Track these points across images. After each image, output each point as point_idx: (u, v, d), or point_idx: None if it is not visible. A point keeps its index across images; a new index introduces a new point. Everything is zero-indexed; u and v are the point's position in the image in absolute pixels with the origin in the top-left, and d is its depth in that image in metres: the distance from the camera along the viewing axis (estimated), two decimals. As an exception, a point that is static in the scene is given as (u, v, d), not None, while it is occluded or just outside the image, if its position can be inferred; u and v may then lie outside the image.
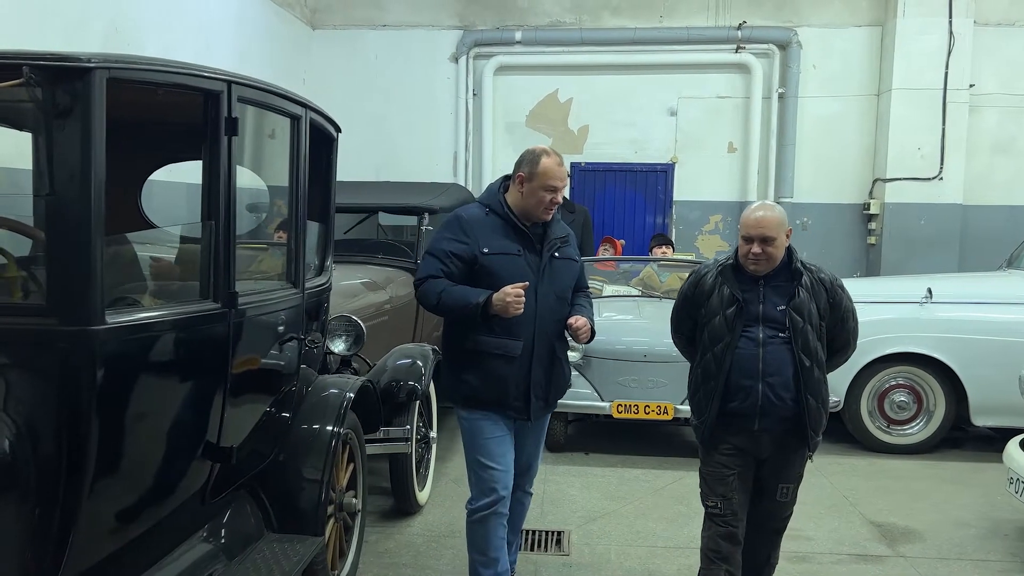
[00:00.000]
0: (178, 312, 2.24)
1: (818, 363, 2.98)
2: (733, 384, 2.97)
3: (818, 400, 2.99)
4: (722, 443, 3.08)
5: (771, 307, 2.98)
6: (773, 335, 2.96)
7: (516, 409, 3.11)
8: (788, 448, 3.06)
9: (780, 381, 2.94)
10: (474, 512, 3.16)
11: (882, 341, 5.82)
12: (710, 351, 3.03)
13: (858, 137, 8.47)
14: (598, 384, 5.68)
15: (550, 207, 3.07)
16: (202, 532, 2.83)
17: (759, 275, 3.00)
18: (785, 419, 2.98)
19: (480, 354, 3.07)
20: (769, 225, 2.93)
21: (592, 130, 8.74)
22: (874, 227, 8.42)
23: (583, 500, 4.85)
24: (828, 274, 3.11)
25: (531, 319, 3.04)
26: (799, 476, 3.16)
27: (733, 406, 2.99)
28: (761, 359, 2.95)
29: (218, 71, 2.40)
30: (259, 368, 2.79)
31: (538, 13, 8.64)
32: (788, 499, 3.15)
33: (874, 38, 8.37)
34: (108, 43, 4.91)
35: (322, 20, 8.76)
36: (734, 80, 8.58)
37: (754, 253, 2.94)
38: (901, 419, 5.89)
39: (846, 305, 3.07)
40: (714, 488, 3.11)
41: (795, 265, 3.01)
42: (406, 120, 8.75)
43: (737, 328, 2.97)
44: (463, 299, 2.97)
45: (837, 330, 3.08)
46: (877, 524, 4.53)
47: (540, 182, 3.02)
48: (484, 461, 3.13)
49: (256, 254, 3.27)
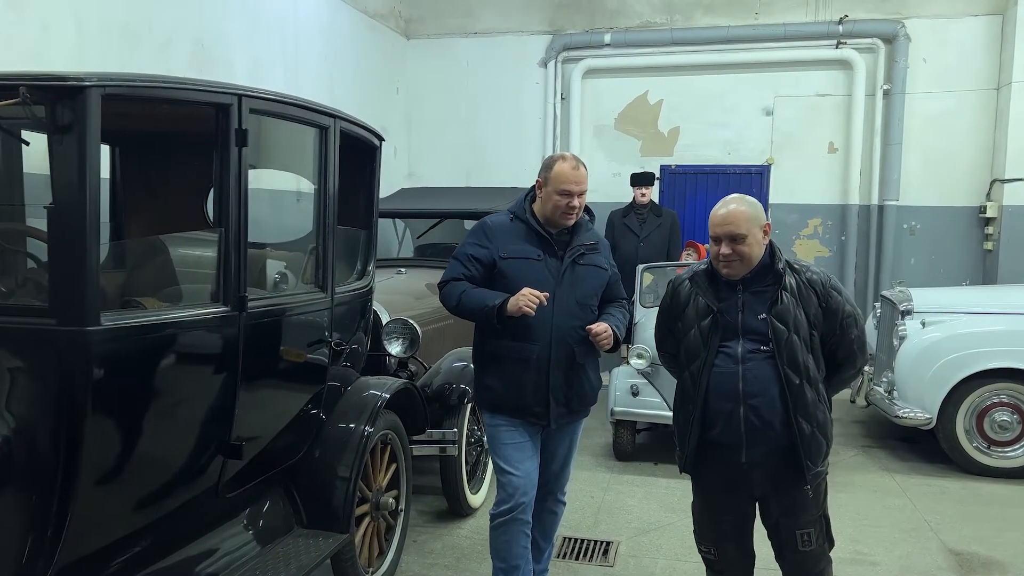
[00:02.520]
0: (181, 315, 2.37)
1: (809, 380, 2.59)
2: (712, 408, 2.62)
3: (812, 423, 2.59)
4: (708, 480, 2.76)
5: (751, 316, 2.60)
6: (754, 349, 2.59)
7: (536, 415, 3.10)
8: (788, 484, 2.65)
9: (764, 402, 2.57)
10: (495, 518, 3.17)
11: (982, 355, 5.38)
12: (687, 370, 2.71)
13: (973, 135, 7.85)
14: (666, 393, 5.52)
15: (568, 212, 3.04)
16: (230, 524, 2.98)
17: (735, 279, 2.63)
18: (777, 449, 2.60)
19: (499, 358, 3.11)
20: (735, 220, 2.57)
21: (683, 132, 8.53)
22: (991, 232, 7.78)
23: (640, 511, 4.75)
24: (820, 274, 2.70)
25: (548, 324, 3.02)
26: (820, 518, 2.72)
27: (714, 434, 2.64)
28: (741, 378, 2.58)
29: (227, 85, 2.52)
30: (277, 369, 2.90)
31: (628, 14, 8.53)
32: (814, 546, 2.69)
33: (993, 28, 7.73)
34: (194, 61, 5.23)
35: (416, 30, 8.98)
36: (835, 77, 8.14)
37: (723, 254, 2.59)
38: (1003, 440, 5.43)
39: (846, 311, 2.66)
40: (705, 533, 2.84)
41: (778, 266, 2.63)
42: (496, 126, 8.84)
43: (713, 343, 2.62)
44: (481, 301, 3.00)
45: (837, 341, 2.68)
46: (956, 552, 4.20)
47: (554, 187, 3.01)
48: (504, 467, 3.14)
49: (292, 258, 3.38)
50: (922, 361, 5.49)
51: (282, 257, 3.30)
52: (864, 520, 4.62)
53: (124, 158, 3.79)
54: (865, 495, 5.02)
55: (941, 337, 5.53)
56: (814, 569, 2.75)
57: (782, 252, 2.72)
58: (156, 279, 2.87)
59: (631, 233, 7.53)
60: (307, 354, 3.08)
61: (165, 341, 2.32)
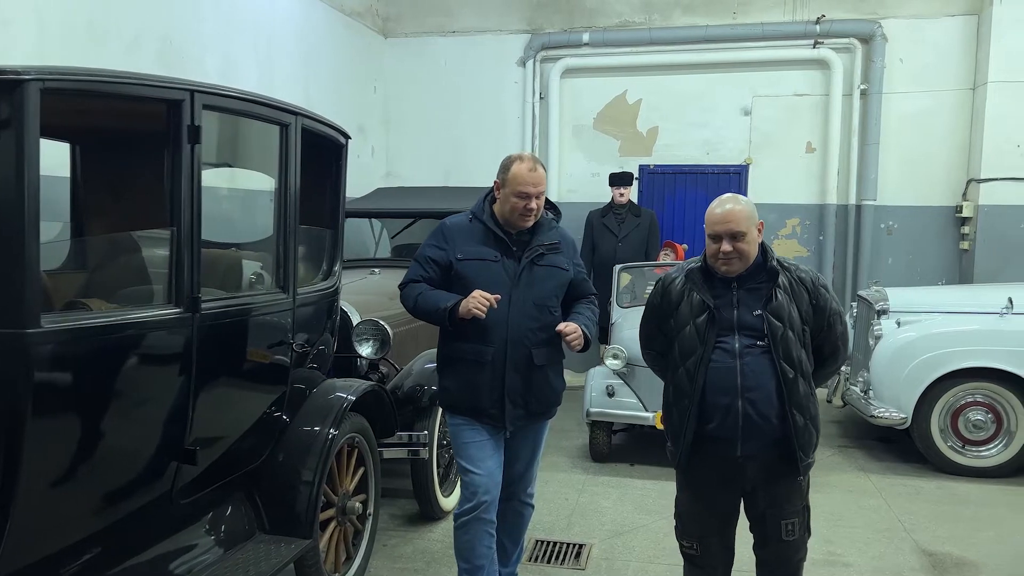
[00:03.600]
0: (128, 316, 2.30)
1: (803, 374, 2.67)
2: (709, 403, 2.67)
3: (806, 416, 2.67)
4: (700, 474, 2.79)
5: (747, 312, 2.67)
6: (751, 344, 2.65)
7: (492, 416, 3.06)
8: (779, 476, 2.73)
9: (762, 396, 2.62)
10: (458, 518, 3.13)
11: (955, 354, 5.38)
12: (682, 366, 2.73)
13: (950, 135, 7.87)
14: (642, 394, 5.51)
15: (525, 214, 3.00)
16: (188, 531, 2.91)
17: (731, 277, 2.70)
18: (772, 442, 2.66)
19: (456, 360, 3.10)
20: (737, 218, 2.63)
21: (662, 131, 8.50)
22: (967, 231, 7.80)
23: (614, 513, 4.71)
24: (809, 273, 2.79)
25: (503, 325, 2.98)
26: (803, 508, 2.81)
27: (711, 428, 2.68)
28: (739, 372, 2.63)
29: (179, 80, 2.45)
30: (235, 372, 2.84)
31: (607, 14, 8.49)
32: (797, 536, 2.78)
33: (968, 28, 7.75)
34: (163, 59, 5.14)
35: (394, 29, 8.91)
36: (813, 77, 8.14)
37: (724, 252, 2.64)
38: (977, 439, 5.43)
39: (832, 307, 2.76)
40: (688, 528, 2.87)
41: (771, 263, 2.71)
42: (474, 125, 8.78)
43: (710, 338, 2.66)
44: (434, 304, 2.98)
45: (824, 337, 2.77)
46: (929, 553, 4.18)
47: (511, 188, 2.98)
48: (466, 466, 3.10)
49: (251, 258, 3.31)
50: (897, 360, 5.49)
51: (242, 257, 3.23)
52: (839, 521, 4.60)
53: (84, 156, 3.70)
54: (840, 495, 5.00)
55: (916, 336, 5.53)
56: (793, 557, 2.83)
57: (773, 250, 2.78)
58: (110, 280, 2.80)
59: (610, 233, 7.51)
60: (267, 356, 3.02)
61: (111, 344, 2.25)
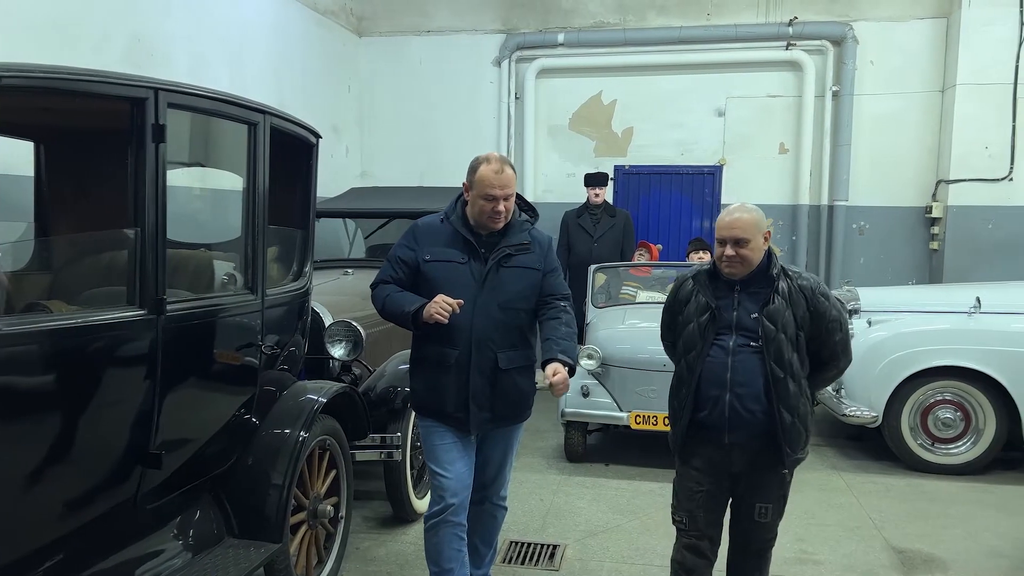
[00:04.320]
0: (89, 319, 2.25)
1: (793, 375, 2.82)
2: (702, 394, 2.88)
3: (794, 415, 2.82)
4: (693, 456, 2.99)
5: (745, 314, 2.86)
6: (744, 343, 2.84)
7: (457, 420, 3.03)
8: (762, 465, 2.91)
9: (749, 392, 2.81)
10: (427, 520, 3.10)
11: (924, 353, 5.45)
12: (684, 359, 2.96)
13: (920, 136, 7.98)
14: (617, 394, 5.52)
15: (494, 216, 2.97)
16: (155, 535, 2.86)
17: (735, 279, 2.89)
18: (757, 434, 2.84)
19: (423, 362, 3.09)
20: (742, 226, 2.82)
21: (637, 132, 8.53)
22: (937, 232, 7.91)
23: (589, 513, 4.71)
24: (811, 281, 2.92)
25: (467, 328, 2.95)
26: (780, 496, 2.99)
27: (703, 416, 2.89)
28: (730, 368, 2.83)
29: (144, 78, 2.41)
30: (202, 375, 2.80)
31: (582, 14, 8.51)
32: (768, 520, 2.98)
33: (938, 31, 7.86)
34: (130, 56, 5.07)
35: (368, 28, 8.87)
36: (785, 78, 8.22)
37: (727, 255, 2.84)
38: (946, 437, 5.50)
39: (831, 315, 2.89)
40: (682, 503, 3.04)
41: (772, 270, 2.88)
42: (450, 125, 8.76)
43: (709, 335, 2.88)
44: (400, 306, 2.96)
45: (822, 342, 2.90)
46: (899, 550, 4.22)
47: (478, 191, 2.95)
48: (435, 468, 3.08)
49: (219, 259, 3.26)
50: (869, 360, 5.53)
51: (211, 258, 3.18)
52: (811, 519, 4.63)
53: (49, 155, 3.63)
54: (813, 493, 5.04)
55: (887, 336, 5.59)
56: (762, 537, 3.04)
57: (778, 258, 2.94)
58: (74, 281, 2.74)
59: (585, 233, 7.53)
60: (236, 358, 2.98)
61: (71, 347, 2.20)
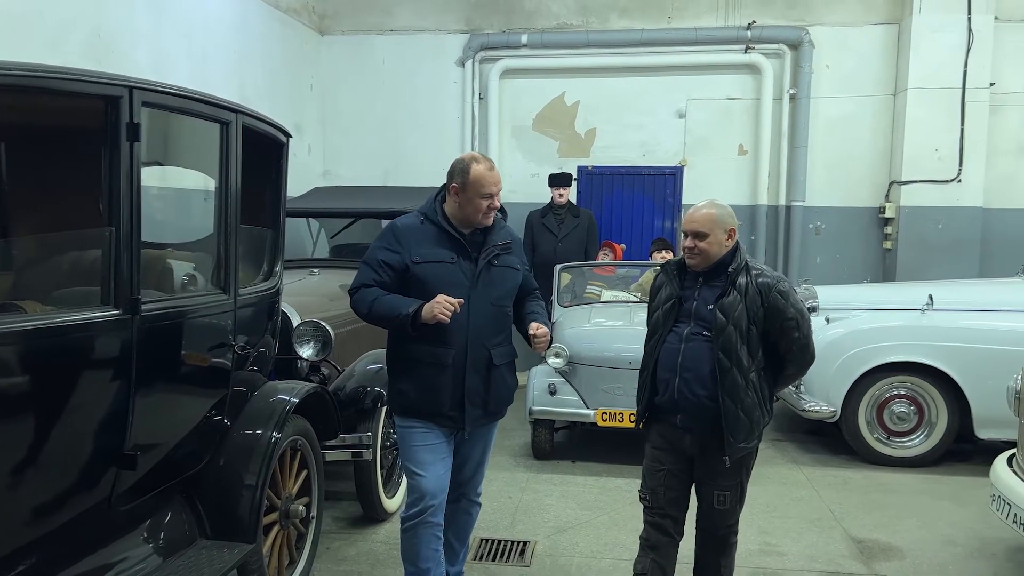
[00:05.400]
0: (64, 319, 2.23)
1: (739, 367, 2.91)
2: (658, 377, 3.05)
3: (738, 405, 2.91)
4: (654, 436, 3.15)
5: (702, 305, 3.00)
6: (698, 332, 2.98)
7: (451, 418, 3.06)
8: (712, 451, 3.01)
9: (695, 376, 2.95)
10: (404, 521, 3.11)
11: (880, 349, 5.62)
12: (648, 343, 3.14)
13: (873, 139, 8.20)
14: (584, 392, 5.59)
15: (488, 212, 3.04)
16: (127, 538, 2.83)
17: (697, 271, 3.04)
18: (705, 419, 2.96)
19: (414, 363, 3.06)
20: (700, 220, 2.97)
21: (599, 133, 8.62)
22: (890, 231, 8.14)
23: (557, 510, 4.77)
24: (771, 278, 2.97)
25: (463, 327, 2.99)
26: (737, 486, 3.08)
27: (657, 399, 3.07)
28: (681, 354, 2.99)
29: (118, 76, 2.39)
30: (175, 375, 2.78)
31: (545, 15, 8.57)
32: (727, 507, 3.08)
33: (890, 36, 8.09)
34: (90, 51, 4.98)
35: (330, 26, 8.81)
36: (744, 81, 8.38)
37: (686, 247, 3.00)
38: (901, 431, 5.68)
39: (789, 314, 2.94)
40: (646, 481, 3.17)
41: (732, 265, 2.98)
42: (414, 124, 8.75)
43: (668, 323, 3.05)
44: (393, 309, 2.95)
45: (777, 338, 2.99)
46: (858, 540, 4.36)
47: (475, 190, 2.98)
48: (413, 469, 3.09)
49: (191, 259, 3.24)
50: (826, 356, 5.67)
51: (182, 258, 3.15)
52: (773, 512, 4.75)
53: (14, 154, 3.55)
54: (774, 487, 5.17)
55: (844, 333, 5.75)
56: (723, 523, 3.14)
57: (743, 255, 3.03)
58: (47, 281, 2.70)
59: (549, 233, 7.59)
60: (208, 358, 2.96)
61: (46, 347, 2.17)
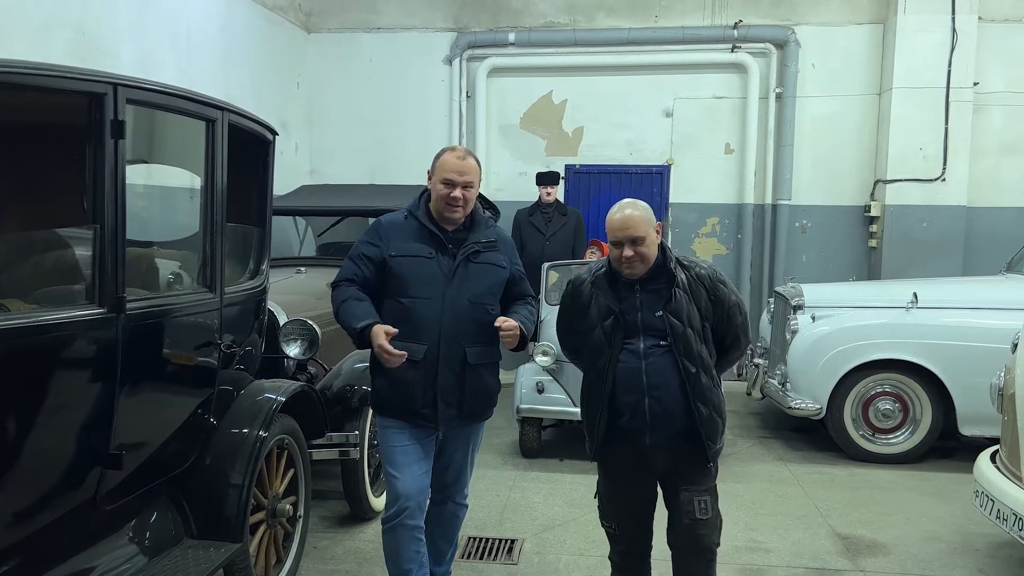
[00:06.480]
0: (48, 317, 2.21)
1: (704, 367, 2.80)
2: (620, 400, 2.81)
3: (710, 407, 2.81)
4: (615, 462, 2.95)
5: (649, 314, 2.81)
6: (654, 344, 2.79)
7: (424, 417, 3.02)
8: (686, 459, 2.86)
9: (667, 393, 2.78)
10: (384, 522, 3.08)
11: (865, 347, 5.66)
12: (593, 367, 2.89)
13: (858, 138, 8.26)
14: (571, 390, 5.58)
15: (452, 204, 2.98)
16: (112, 538, 2.81)
17: (635, 279, 2.84)
18: (679, 431, 2.81)
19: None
20: (635, 224, 2.77)
21: (587, 132, 8.63)
22: (875, 230, 8.19)
23: (545, 508, 4.77)
24: (707, 269, 2.92)
25: (436, 323, 2.97)
26: (713, 489, 2.94)
27: (622, 422, 2.83)
28: (644, 372, 2.78)
29: (102, 73, 2.37)
30: (161, 374, 2.76)
31: (532, 14, 8.57)
32: (710, 516, 2.88)
33: (875, 36, 8.14)
34: (74, 49, 4.93)
35: (317, 24, 8.78)
36: (731, 80, 8.41)
37: (626, 256, 2.78)
38: (886, 428, 5.72)
39: (731, 300, 2.89)
40: (607, 510, 3.04)
41: (669, 264, 2.84)
42: (401, 123, 8.73)
43: (617, 341, 2.81)
44: (349, 318, 2.94)
45: (723, 328, 2.89)
46: (843, 537, 4.38)
47: (438, 176, 2.98)
48: (391, 471, 3.07)
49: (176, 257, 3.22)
50: (812, 353, 5.73)
51: (168, 256, 3.14)
52: (760, 509, 4.77)
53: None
54: (761, 484, 5.19)
55: (830, 331, 5.78)
56: (708, 537, 2.89)
57: (671, 250, 2.90)
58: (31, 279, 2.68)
59: (537, 232, 7.59)
60: (194, 357, 2.94)
61: (29, 346, 2.15)
